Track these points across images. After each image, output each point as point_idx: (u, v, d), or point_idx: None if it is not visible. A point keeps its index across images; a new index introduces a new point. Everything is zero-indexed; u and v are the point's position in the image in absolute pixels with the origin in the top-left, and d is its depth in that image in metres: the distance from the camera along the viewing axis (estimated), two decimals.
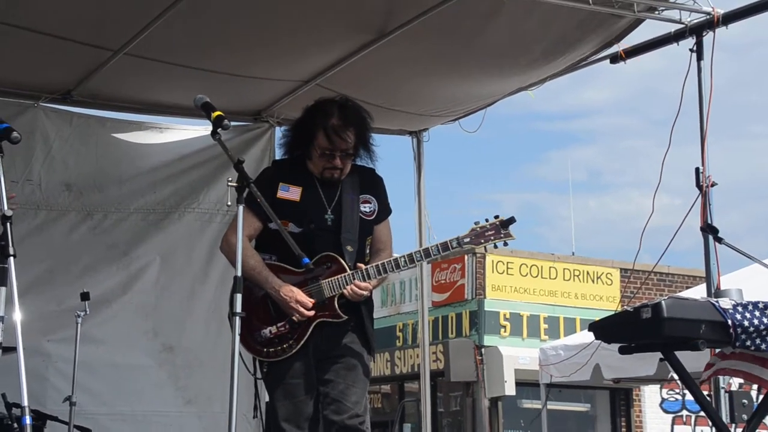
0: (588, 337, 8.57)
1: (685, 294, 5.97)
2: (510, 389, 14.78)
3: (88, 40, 5.19)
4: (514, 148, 43.50)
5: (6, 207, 3.10)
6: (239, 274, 3.42)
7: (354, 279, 3.93)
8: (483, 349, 15.25)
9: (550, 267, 16.16)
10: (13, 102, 5.91)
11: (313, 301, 3.92)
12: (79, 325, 5.26)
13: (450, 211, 38.04)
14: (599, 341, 4.07)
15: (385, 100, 5.92)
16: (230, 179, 3.57)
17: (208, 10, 4.89)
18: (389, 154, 4.30)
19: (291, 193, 4.02)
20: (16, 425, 4.33)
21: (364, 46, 5.27)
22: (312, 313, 3.91)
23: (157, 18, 4.85)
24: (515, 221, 4.03)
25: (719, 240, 4.33)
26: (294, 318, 3.91)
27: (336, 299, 3.95)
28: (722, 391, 4.75)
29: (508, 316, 15.64)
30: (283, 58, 5.52)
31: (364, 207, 4.12)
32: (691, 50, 4.84)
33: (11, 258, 3.05)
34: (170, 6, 4.73)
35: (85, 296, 5.28)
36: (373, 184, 4.19)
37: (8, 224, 3.08)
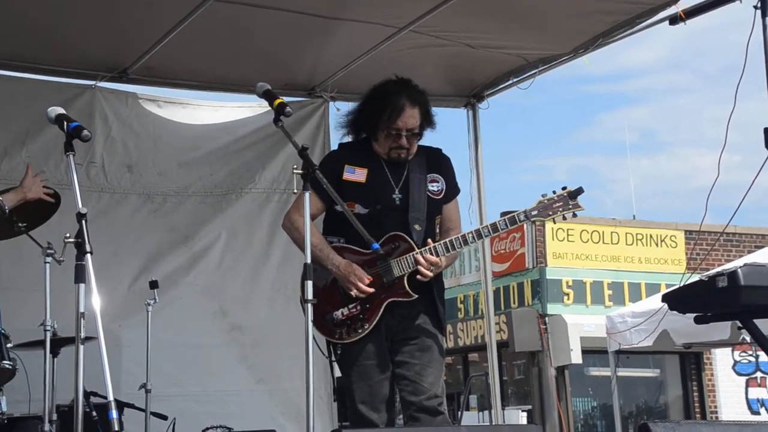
0: (655, 302, 8.43)
1: (759, 259, 5.81)
2: (576, 358, 14.63)
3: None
4: (565, 112, 42.98)
5: (81, 204, 3.07)
6: (308, 261, 3.39)
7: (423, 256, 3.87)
8: (547, 318, 15.12)
9: (611, 232, 15.91)
10: (71, 84, 5.98)
11: (370, 278, 3.88)
12: (149, 313, 5.27)
13: (502, 177, 37.78)
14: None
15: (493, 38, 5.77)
16: (295, 166, 3.53)
17: None
18: (441, 126, 4.20)
19: (357, 174, 3.99)
20: (95, 413, 4.39)
21: None
22: (371, 289, 3.87)
23: None
24: (583, 191, 3.96)
25: None
26: (352, 293, 3.88)
27: (405, 278, 3.90)
28: None
29: (570, 283, 15.44)
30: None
31: (432, 186, 4.07)
32: (756, 7, 4.64)
33: (88, 255, 3.00)
34: None
35: (153, 284, 5.30)
36: (440, 164, 4.14)
37: (83, 222, 3.03)
